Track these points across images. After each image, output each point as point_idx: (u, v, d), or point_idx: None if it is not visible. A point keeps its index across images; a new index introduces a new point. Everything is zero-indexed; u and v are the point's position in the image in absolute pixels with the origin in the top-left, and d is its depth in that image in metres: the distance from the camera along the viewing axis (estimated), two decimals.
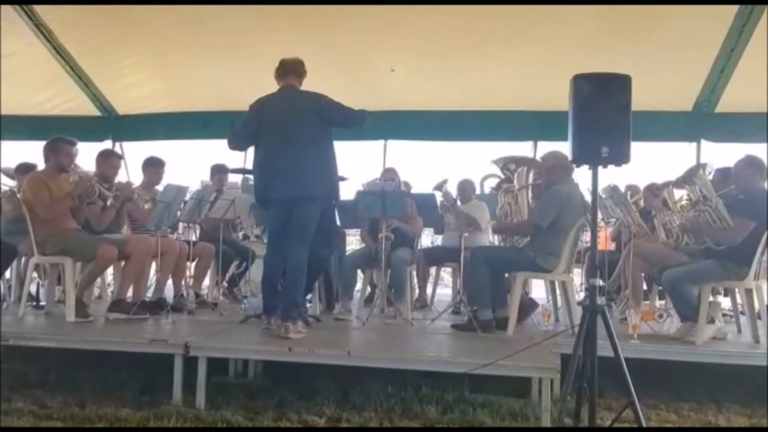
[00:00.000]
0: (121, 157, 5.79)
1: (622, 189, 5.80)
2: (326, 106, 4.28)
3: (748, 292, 4.48)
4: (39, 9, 6.24)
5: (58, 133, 5.01)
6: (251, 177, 6.02)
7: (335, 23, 6.22)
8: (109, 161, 5.29)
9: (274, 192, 4.28)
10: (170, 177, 5.85)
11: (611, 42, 6.07)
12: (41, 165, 5.00)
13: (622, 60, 5.17)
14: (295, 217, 4.26)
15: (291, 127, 4.24)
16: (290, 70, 4.38)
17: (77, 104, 7.80)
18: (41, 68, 7.08)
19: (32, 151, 5.31)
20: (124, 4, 6.02)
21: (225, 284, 6.27)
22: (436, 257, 6.35)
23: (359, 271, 5.97)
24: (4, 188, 5.99)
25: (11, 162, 6.22)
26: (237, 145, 4.69)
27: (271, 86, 4.45)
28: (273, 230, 4.52)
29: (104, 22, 6.51)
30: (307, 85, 4.49)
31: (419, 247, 6.03)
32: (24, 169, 5.49)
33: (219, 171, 6.43)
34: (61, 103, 7.81)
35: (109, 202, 4.95)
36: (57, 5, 6.18)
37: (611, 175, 6.03)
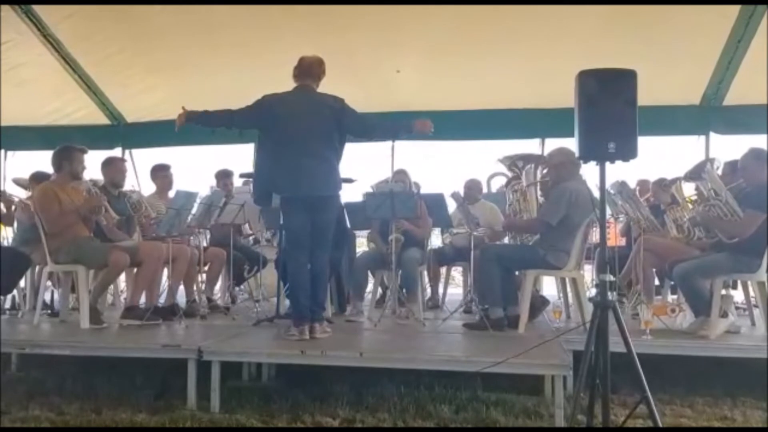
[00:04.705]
0: (125, 160, 5.85)
1: (633, 184, 5.78)
2: (346, 113, 4.28)
3: (761, 285, 4.46)
4: (48, 20, 6.28)
5: (69, 142, 5.06)
6: None
7: (341, 26, 6.23)
8: (115, 167, 5.38)
9: (300, 190, 4.21)
10: (180, 183, 5.92)
11: (617, 37, 6.04)
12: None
13: (628, 55, 5.13)
14: (319, 219, 4.27)
15: (312, 129, 4.21)
16: (307, 72, 4.33)
17: (87, 113, 7.87)
18: (50, 78, 7.13)
19: (45, 161, 5.36)
20: (127, 4, 6.02)
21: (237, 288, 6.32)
22: (447, 257, 6.34)
23: (369, 273, 5.97)
24: (16, 198, 6.05)
25: (24, 172, 6.29)
26: (237, 123, 4.39)
27: (277, 88, 4.45)
28: (299, 232, 4.31)
29: (112, 32, 6.55)
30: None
31: (429, 247, 6.03)
32: (38, 178, 5.54)
33: (224, 176, 6.46)
34: (71, 113, 7.87)
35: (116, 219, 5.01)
36: (61, 6, 6.18)
37: (621, 171, 6.01)
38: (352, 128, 4.34)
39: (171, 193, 5.72)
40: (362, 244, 7.08)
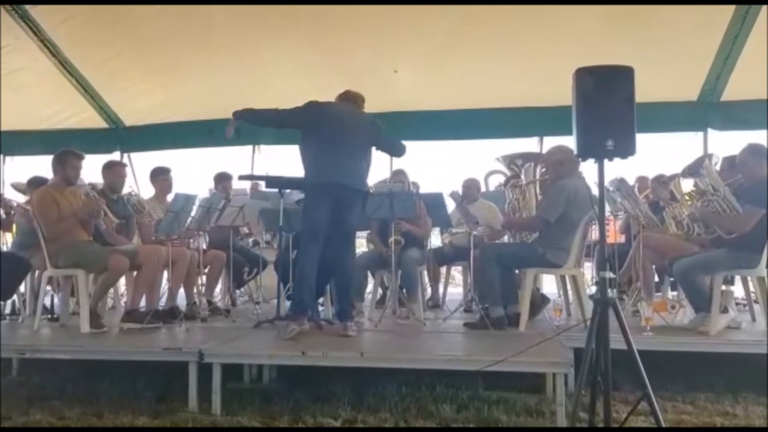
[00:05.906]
0: (125, 165, 5.85)
1: (631, 181, 5.77)
2: (383, 135, 4.73)
3: (761, 280, 4.46)
4: (44, 24, 6.28)
5: (67, 146, 5.05)
6: (261, 183, 6.07)
7: (338, 27, 6.24)
8: (115, 171, 5.37)
9: (334, 177, 4.42)
10: (179, 186, 5.91)
11: (614, 34, 6.05)
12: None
13: (625, 51, 5.15)
14: (346, 218, 4.49)
15: (355, 137, 4.53)
16: (352, 101, 4.70)
17: (85, 117, 7.87)
18: (48, 83, 7.13)
19: (43, 166, 5.37)
20: (123, 4, 6.00)
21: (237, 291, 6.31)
22: (446, 256, 6.34)
23: (369, 273, 5.96)
24: (15, 203, 6.04)
25: (22, 177, 6.28)
26: (287, 122, 4.69)
27: (275, 90, 4.47)
28: (318, 225, 4.43)
29: (109, 36, 6.55)
30: (312, 90, 4.53)
31: (429, 247, 6.03)
32: (36, 183, 5.54)
33: (223, 179, 6.47)
34: (69, 117, 7.89)
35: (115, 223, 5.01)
36: (57, 10, 6.16)
37: (621, 168, 6.02)
38: (385, 148, 4.82)
39: (170, 197, 5.71)
40: (361, 244, 7.09)
